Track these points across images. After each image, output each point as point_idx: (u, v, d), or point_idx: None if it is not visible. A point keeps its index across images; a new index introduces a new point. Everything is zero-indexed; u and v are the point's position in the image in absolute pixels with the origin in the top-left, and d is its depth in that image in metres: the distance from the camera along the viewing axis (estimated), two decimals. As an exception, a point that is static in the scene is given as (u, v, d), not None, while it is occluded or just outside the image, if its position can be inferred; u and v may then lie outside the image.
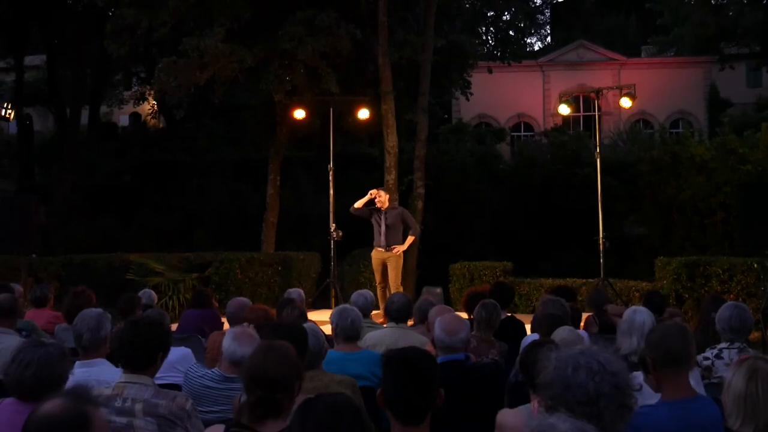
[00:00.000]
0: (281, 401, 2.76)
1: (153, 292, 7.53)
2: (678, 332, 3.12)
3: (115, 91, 31.11)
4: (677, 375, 3.03)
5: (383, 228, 9.75)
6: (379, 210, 9.87)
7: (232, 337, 3.96)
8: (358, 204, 9.94)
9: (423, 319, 5.67)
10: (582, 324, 6.33)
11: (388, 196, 10.18)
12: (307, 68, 12.85)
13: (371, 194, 9.89)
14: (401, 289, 9.37)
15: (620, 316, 4.26)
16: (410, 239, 9.92)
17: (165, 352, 3.43)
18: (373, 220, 9.92)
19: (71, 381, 3.28)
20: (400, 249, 9.77)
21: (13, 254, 11.28)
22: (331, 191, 11.49)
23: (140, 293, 6.94)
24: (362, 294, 5.88)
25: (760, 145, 13.81)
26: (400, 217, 9.90)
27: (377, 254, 9.89)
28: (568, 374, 2.04)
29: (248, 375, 2.84)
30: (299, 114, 12.53)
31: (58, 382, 3.02)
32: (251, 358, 2.91)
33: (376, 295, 9.02)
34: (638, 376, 3.38)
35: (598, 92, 11.77)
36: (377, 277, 9.98)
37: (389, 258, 9.74)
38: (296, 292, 6.78)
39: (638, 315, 4.38)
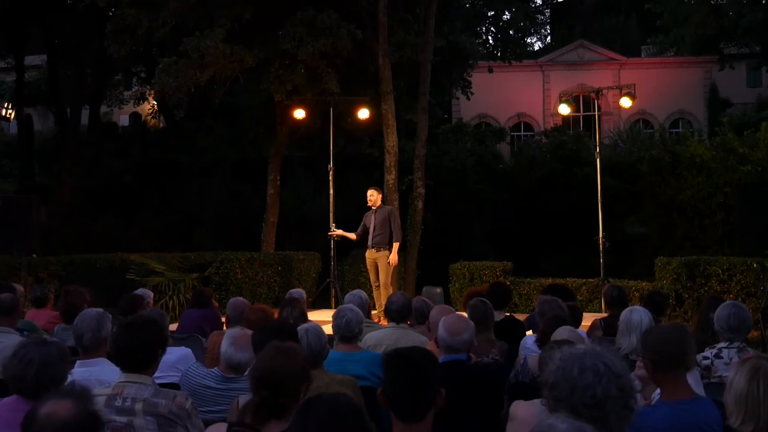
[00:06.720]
0: (286, 403, 2.76)
1: (150, 292, 7.51)
2: (677, 334, 3.13)
3: (115, 91, 31.10)
4: (677, 376, 3.04)
5: (371, 228, 9.80)
6: (370, 209, 9.93)
7: (230, 342, 3.96)
8: (357, 232, 10.15)
9: (421, 320, 5.67)
10: (588, 327, 6.29)
11: (380, 195, 10.21)
12: (308, 68, 12.84)
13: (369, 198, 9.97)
14: (391, 289, 9.40)
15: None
16: (394, 246, 9.86)
17: (163, 349, 3.44)
18: (367, 221, 9.97)
19: (71, 380, 3.29)
20: (392, 259, 9.79)
21: (13, 254, 11.28)
22: (331, 191, 11.51)
23: (137, 292, 6.92)
24: (356, 294, 5.87)
25: (760, 145, 13.79)
26: (388, 217, 9.92)
27: (369, 254, 9.96)
28: (575, 376, 2.02)
29: (255, 375, 2.85)
30: (299, 114, 12.53)
31: (58, 382, 3.04)
32: (259, 358, 2.92)
33: (371, 295, 9.06)
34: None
35: (598, 92, 11.78)
36: (372, 277, 10.01)
37: (379, 258, 9.78)
38: (297, 293, 6.78)
39: (635, 314, 4.40)
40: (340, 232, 10.67)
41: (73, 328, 3.97)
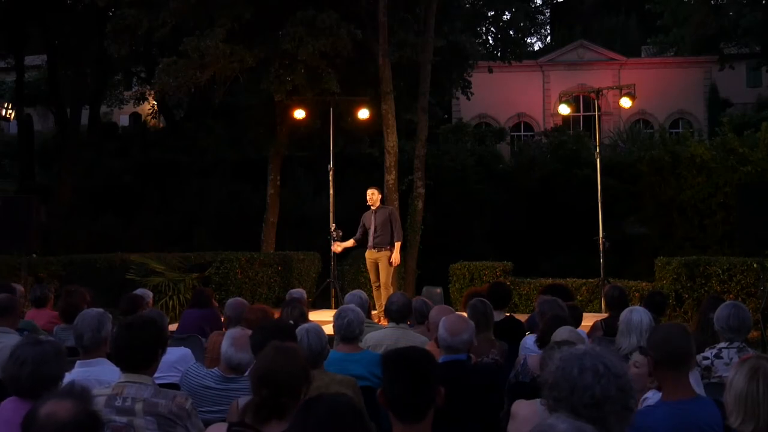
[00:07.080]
0: (286, 403, 2.76)
1: (150, 292, 7.51)
2: (679, 333, 3.13)
3: (115, 91, 31.11)
4: (678, 375, 3.04)
5: (372, 228, 9.80)
6: (370, 209, 9.93)
7: (230, 342, 3.96)
8: (357, 236, 10.20)
9: (421, 320, 5.67)
10: (589, 329, 6.29)
11: (380, 196, 10.21)
12: (308, 68, 12.84)
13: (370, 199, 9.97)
14: (391, 289, 9.39)
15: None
16: (396, 246, 9.84)
17: (163, 349, 3.44)
18: (366, 221, 9.96)
19: (68, 379, 3.29)
20: (395, 259, 9.78)
21: (13, 254, 11.28)
22: (331, 191, 11.51)
23: (137, 292, 6.92)
24: (356, 294, 5.87)
25: (760, 145, 13.80)
26: (388, 218, 9.93)
27: (369, 254, 9.95)
28: (574, 376, 2.02)
29: (256, 375, 2.85)
30: (299, 114, 12.54)
31: (54, 380, 3.04)
32: (260, 358, 2.93)
33: (371, 295, 9.06)
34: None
35: (598, 92, 11.78)
36: (372, 277, 10.01)
37: (380, 258, 9.78)
38: (298, 293, 6.78)
39: (635, 314, 4.41)
40: (341, 249, 10.67)
41: (73, 328, 3.97)
